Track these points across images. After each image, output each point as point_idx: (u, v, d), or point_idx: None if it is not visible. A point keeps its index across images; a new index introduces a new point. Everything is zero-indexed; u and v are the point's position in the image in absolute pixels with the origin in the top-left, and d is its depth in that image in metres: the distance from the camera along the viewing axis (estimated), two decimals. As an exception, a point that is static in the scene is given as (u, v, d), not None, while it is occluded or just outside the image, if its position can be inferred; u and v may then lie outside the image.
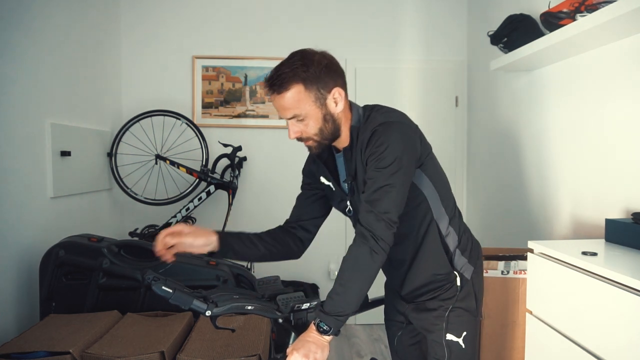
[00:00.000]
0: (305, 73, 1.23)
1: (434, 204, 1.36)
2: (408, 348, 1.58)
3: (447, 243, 1.39)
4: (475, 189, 3.29)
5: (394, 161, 1.20)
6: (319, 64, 1.25)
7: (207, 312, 1.20)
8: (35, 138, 2.28)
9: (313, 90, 1.24)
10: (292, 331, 1.32)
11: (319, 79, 1.24)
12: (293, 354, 1.14)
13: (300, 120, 1.26)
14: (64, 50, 2.55)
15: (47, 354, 1.66)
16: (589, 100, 1.95)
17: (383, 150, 1.21)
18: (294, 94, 1.23)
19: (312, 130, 1.27)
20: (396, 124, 1.25)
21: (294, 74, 1.22)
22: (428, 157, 1.35)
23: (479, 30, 3.18)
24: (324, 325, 1.16)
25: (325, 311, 1.17)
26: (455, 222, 1.42)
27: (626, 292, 1.09)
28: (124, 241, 2.36)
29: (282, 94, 1.23)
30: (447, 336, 1.39)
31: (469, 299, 1.40)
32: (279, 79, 1.23)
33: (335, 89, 1.28)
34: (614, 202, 1.79)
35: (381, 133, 1.22)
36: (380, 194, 1.20)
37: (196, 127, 3.06)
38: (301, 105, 1.24)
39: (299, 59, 1.25)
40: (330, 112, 1.28)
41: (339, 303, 1.17)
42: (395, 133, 1.23)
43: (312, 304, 1.28)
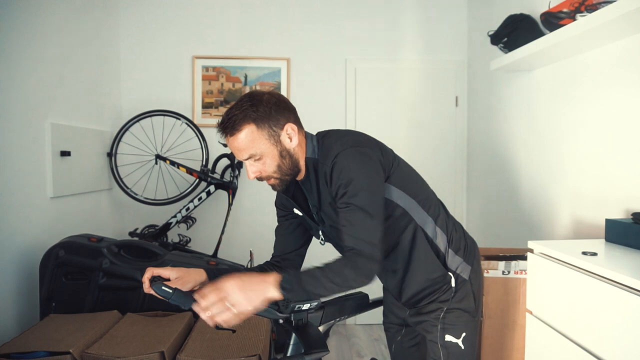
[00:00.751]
0: (255, 113, 1.24)
1: (414, 211, 1.35)
2: (407, 350, 1.58)
3: (437, 245, 1.39)
4: (475, 189, 3.29)
5: (361, 187, 1.21)
6: (268, 103, 1.26)
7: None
8: (35, 138, 2.28)
9: (265, 129, 1.25)
10: (293, 332, 1.31)
11: (270, 116, 1.25)
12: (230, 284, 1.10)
13: (257, 159, 1.27)
14: (64, 50, 2.55)
15: (47, 354, 1.67)
16: (589, 100, 1.95)
17: (348, 181, 1.21)
18: (246, 134, 1.24)
19: (270, 169, 1.28)
20: (351, 149, 1.25)
21: (244, 115, 1.23)
22: (394, 168, 1.34)
23: (479, 30, 3.18)
24: (288, 284, 1.14)
25: (302, 279, 1.16)
26: (441, 221, 1.40)
27: (626, 292, 1.09)
28: (124, 241, 2.36)
29: (235, 136, 1.24)
30: (446, 337, 1.39)
31: (467, 299, 1.40)
32: (230, 122, 1.24)
33: (287, 124, 1.28)
34: (614, 202, 1.79)
35: (341, 164, 1.22)
36: (358, 223, 1.20)
37: (196, 127, 3.06)
38: (255, 145, 1.25)
39: (247, 100, 1.26)
40: (286, 148, 1.28)
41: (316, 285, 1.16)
42: (353, 159, 1.23)
43: (312, 304, 1.28)
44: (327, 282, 1.16)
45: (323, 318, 1.37)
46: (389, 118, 3.42)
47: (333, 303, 1.43)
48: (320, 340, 1.27)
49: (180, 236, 3.05)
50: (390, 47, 3.44)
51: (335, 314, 1.42)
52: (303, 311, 1.28)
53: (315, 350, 1.23)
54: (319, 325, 1.37)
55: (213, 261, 2.42)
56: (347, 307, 1.47)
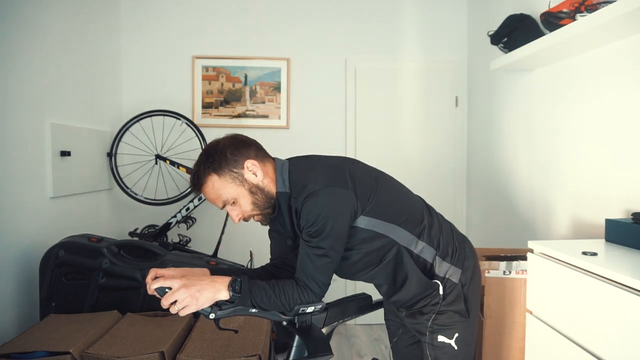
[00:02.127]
0: (212, 163, 1.28)
1: (396, 235, 1.34)
2: (408, 347, 1.60)
3: (425, 258, 1.39)
4: (475, 188, 3.29)
5: (325, 229, 1.23)
6: (223, 148, 1.31)
7: (211, 315, 1.20)
8: (35, 138, 2.28)
9: (226, 174, 1.29)
10: (297, 334, 1.31)
11: (227, 161, 1.29)
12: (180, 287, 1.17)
13: (232, 204, 1.31)
14: (64, 50, 2.55)
15: (47, 354, 1.67)
16: (589, 100, 1.95)
17: (312, 222, 1.23)
18: (211, 185, 1.29)
19: (247, 208, 1.31)
20: (322, 191, 1.24)
21: (204, 168, 1.29)
22: (372, 201, 1.31)
23: (479, 30, 3.18)
24: (238, 286, 1.21)
25: (252, 288, 1.22)
26: (425, 235, 1.39)
27: (626, 292, 1.09)
28: (124, 241, 2.36)
29: (203, 190, 1.30)
30: (439, 338, 1.40)
31: (457, 301, 1.40)
32: (194, 179, 1.31)
33: (247, 161, 1.31)
34: (614, 202, 1.79)
35: (311, 203, 1.23)
36: (314, 260, 1.25)
37: (196, 127, 3.06)
38: (223, 192, 1.29)
39: (204, 154, 1.32)
40: (254, 184, 1.31)
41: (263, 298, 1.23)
42: (324, 200, 1.24)
43: (316, 307, 1.28)
44: (274, 298, 1.24)
45: (327, 320, 1.36)
46: (389, 118, 3.42)
47: (336, 305, 1.42)
48: (324, 343, 1.27)
49: (180, 236, 3.05)
50: (390, 47, 3.44)
51: (338, 315, 1.42)
52: (307, 314, 1.28)
53: (320, 354, 1.22)
54: (323, 327, 1.36)
55: (213, 261, 2.43)
56: (351, 308, 1.47)
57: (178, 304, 1.17)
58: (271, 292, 1.23)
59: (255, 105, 3.40)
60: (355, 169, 1.35)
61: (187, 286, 1.17)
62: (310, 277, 1.26)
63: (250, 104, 3.40)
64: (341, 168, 1.33)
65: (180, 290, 1.17)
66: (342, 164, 1.36)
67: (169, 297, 1.17)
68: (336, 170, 1.32)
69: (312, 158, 1.40)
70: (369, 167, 1.41)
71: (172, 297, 1.17)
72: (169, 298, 1.17)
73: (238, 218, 1.33)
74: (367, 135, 3.41)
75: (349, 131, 3.41)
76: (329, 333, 1.44)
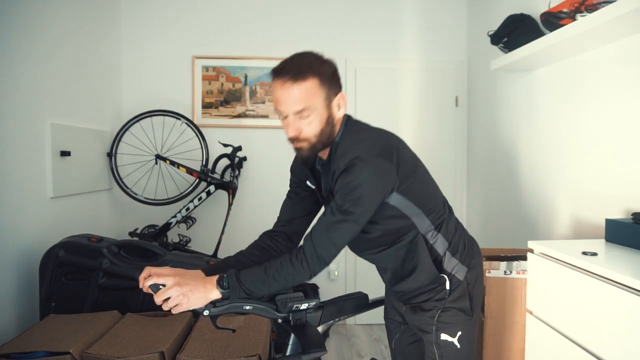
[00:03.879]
0: (321, 69, 1.21)
1: (417, 220, 1.34)
2: (407, 347, 1.59)
3: (436, 249, 1.39)
4: (475, 189, 3.29)
5: (361, 197, 1.20)
6: (330, 65, 1.25)
7: (205, 311, 1.20)
8: (35, 138, 2.28)
9: (325, 89, 1.23)
10: (291, 332, 1.31)
11: (330, 79, 1.24)
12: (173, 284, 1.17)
13: (305, 117, 1.22)
14: (64, 50, 2.55)
15: (47, 354, 1.66)
16: (589, 100, 1.95)
17: (354, 187, 1.19)
18: (309, 86, 1.20)
19: (313, 131, 1.25)
20: (371, 162, 1.21)
21: (310, 67, 1.20)
22: (409, 180, 1.30)
23: (479, 30, 3.18)
24: (226, 282, 1.19)
25: (240, 278, 1.19)
26: (443, 228, 1.39)
27: (626, 292, 1.09)
28: (124, 241, 2.36)
29: (297, 83, 1.19)
30: (442, 336, 1.39)
31: (462, 299, 1.40)
32: (296, 67, 1.19)
33: (340, 93, 1.27)
34: (614, 202, 1.79)
35: (354, 171, 1.20)
36: (340, 222, 1.21)
37: (196, 127, 3.07)
38: (313, 100, 1.21)
39: (313, 55, 1.23)
40: (332, 116, 1.27)
41: (255, 283, 1.20)
42: (367, 172, 1.20)
43: (310, 304, 1.28)
44: (269, 280, 1.20)
45: (322, 318, 1.37)
46: (389, 118, 3.42)
47: (332, 303, 1.42)
48: (318, 340, 1.27)
49: (180, 236, 3.05)
50: (390, 47, 3.44)
51: (334, 314, 1.42)
52: (301, 311, 1.28)
53: (313, 350, 1.23)
54: (318, 325, 1.37)
55: (213, 261, 2.43)
56: (347, 307, 1.47)
57: (170, 302, 1.17)
58: (264, 276, 1.20)
59: (255, 105, 3.40)
60: (401, 148, 1.32)
61: (180, 285, 1.18)
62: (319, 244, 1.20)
63: (250, 104, 3.40)
64: (390, 143, 1.29)
65: (173, 287, 1.17)
66: (392, 139, 1.33)
67: (162, 294, 1.17)
68: (387, 143, 1.28)
69: (367, 125, 1.36)
70: (410, 150, 1.39)
71: (165, 294, 1.17)
72: (162, 295, 1.17)
73: (294, 133, 1.24)
74: (367, 135, 3.40)
75: (349, 131, 3.41)
76: (325, 331, 1.44)
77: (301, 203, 1.48)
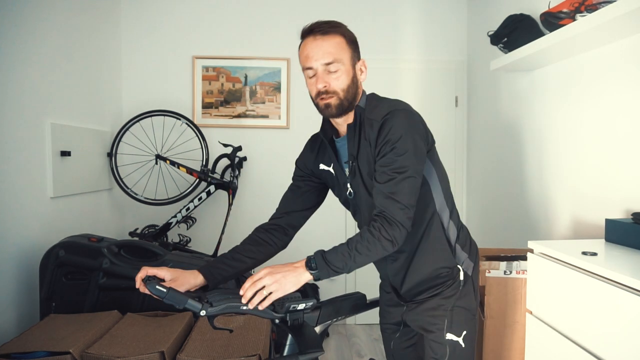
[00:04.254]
0: (348, 32, 1.31)
1: (436, 195, 1.37)
2: (404, 351, 1.57)
3: (449, 236, 1.40)
4: (475, 189, 3.29)
5: (410, 148, 1.22)
6: (353, 34, 1.34)
7: (202, 312, 1.19)
8: (35, 138, 2.28)
9: (351, 49, 1.31)
10: (289, 332, 1.31)
11: (355, 43, 1.33)
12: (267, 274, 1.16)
13: (333, 70, 1.28)
14: (64, 50, 2.55)
15: (47, 354, 1.66)
16: (589, 100, 1.95)
17: (397, 139, 1.22)
18: (338, 41, 1.28)
19: (340, 85, 1.29)
20: (404, 111, 1.27)
21: (338, 26, 1.30)
22: (432, 145, 1.37)
23: (479, 30, 3.18)
24: (314, 263, 1.18)
25: (326, 257, 1.19)
26: (455, 216, 1.42)
27: (626, 292, 1.09)
28: (124, 241, 2.36)
29: (327, 37, 1.27)
30: (447, 335, 1.38)
31: (469, 297, 1.40)
32: (326, 25, 1.28)
33: (362, 60, 1.36)
34: (614, 202, 1.79)
35: (392, 121, 1.24)
36: (399, 181, 1.21)
37: (196, 127, 3.07)
38: (341, 54, 1.28)
39: (337, 22, 1.32)
40: (357, 78, 1.34)
41: (341, 259, 1.19)
42: (405, 120, 1.26)
43: (308, 304, 1.27)
44: (354, 254, 1.18)
45: (319, 318, 1.36)
46: (389, 118, 3.42)
47: (329, 303, 1.42)
48: (315, 340, 1.27)
49: (180, 236, 3.05)
50: (390, 47, 3.45)
51: (331, 314, 1.41)
52: (298, 311, 1.27)
53: (310, 351, 1.22)
54: (316, 326, 1.36)
55: (213, 261, 2.42)
56: (344, 307, 1.47)
57: (266, 289, 1.14)
58: (348, 251, 1.19)
59: (255, 105, 3.40)
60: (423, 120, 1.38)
61: (272, 273, 1.16)
62: (392, 210, 1.19)
63: (250, 104, 3.40)
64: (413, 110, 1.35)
65: (266, 276, 1.15)
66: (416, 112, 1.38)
67: (257, 283, 1.15)
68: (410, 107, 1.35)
69: None
70: None
71: (260, 283, 1.15)
72: (257, 284, 1.15)
73: (323, 85, 1.28)
74: (367, 135, 3.41)
75: (349, 131, 3.41)
76: (323, 331, 1.44)
77: (302, 197, 1.49)
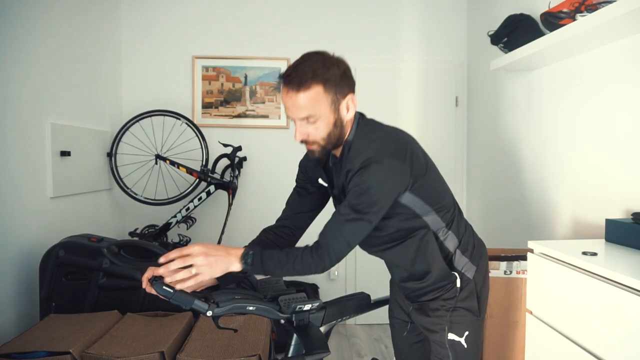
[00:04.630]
0: (326, 75, 1.21)
1: (429, 218, 1.36)
2: (412, 347, 1.59)
3: (447, 246, 1.39)
4: (475, 189, 3.29)
5: (374, 197, 1.21)
6: (339, 68, 1.24)
7: (208, 312, 1.20)
8: (35, 138, 2.28)
9: (331, 94, 1.23)
10: (294, 332, 1.31)
11: (338, 83, 1.23)
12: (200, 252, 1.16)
13: (311, 122, 1.24)
14: (64, 50, 2.55)
15: (47, 354, 1.67)
16: (589, 100, 1.95)
17: (367, 188, 1.21)
18: (313, 94, 1.21)
19: (320, 135, 1.26)
20: (385, 163, 1.21)
21: (314, 74, 1.20)
22: (422, 179, 1.31)
23: (479, 30, 3.18)
24: (250, 259, 1.20)
25: (263, 258, 1.21)
26: (454, 225, 1.41)
27: (626, 292, 1.09)
28: (124, 241, 2.36)
29: (300, 92, 1.21)
30: (449, 336, 1.38)
31: (470, 298, 1.40)
32: (299, 77, 1.20)
33: (350, 95, 1.27)
34: (614, 202, 1.79)
35: (368, 172, 1.20)
36: (354, 220, 1.22)
37: (196, 127, 3.06)
38: (317, 107, 1.22)
39: (320, 59, 1.22)
40: (341, 118, 1.27)
41: (275, 266, 1.21)
42: (381, 174, 1.21)
43: (314, 304, 1.28)
44: (289, 267, 1.21)
45: (324, 318, 1.37)
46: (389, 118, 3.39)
47: (334, 304, 1.42)
48: (322, 340, 1.27)
49: (180, 236, 3.05)
50: (390, 47, 3.44)
51: (336, 314, 1.42)
52: (304, 312, 1.28)
53: (316, 351, 1.22)
54: (321, 326, 1.36)
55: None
56: (349, 307, 1.47)
57: (195, 268, 1.15)
58: (285, 260, 1.21)
59: (255, 105, 3.40)
60: (414, 147, 1.33)
61: (206, 254, 1.16)
62: (334, 241, 1.22)
63: (250, 104, 3.40)
64: (404, 143, 1.30)
65: (199, 256, 1.15)
66: (405, 138, 1.34)
67: (188, 259, 1.15)
68: (400, 143, 1.29)
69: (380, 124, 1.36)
70: (422, 148, 1.39)
71: (190, 260, 1.15)
72: (187, 260, 1.15)
73: (302, 137, 1.26)
74: (367, 135, 3.40)
75: (349, 131, 3.41)
76: (327, 332, 1.44)
77: (308, 198, 1.49)
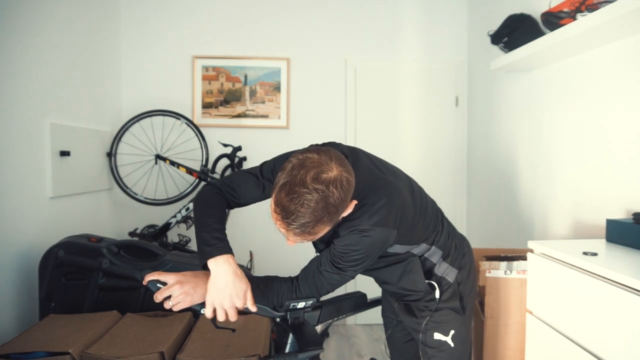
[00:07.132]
0: (329, 218, 1.12)
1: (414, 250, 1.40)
2: (404, 345, 1.62)
3: (431, 259, 1.44)
4: (475, 188, 3.29)
5: (358, 260, 1.23)
6: (340, 197, 1.12)
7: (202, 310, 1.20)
8: (35, 138, 2.28)
9: (334, 221, 1.16)
10: (289, 330, 1.31)
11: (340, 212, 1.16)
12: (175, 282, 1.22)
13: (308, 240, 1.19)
14: (64, 50, 2.55)
15: (47, 354, 1.66)
16: (590, 100, 1.95)
17: (351, 251, 1.21)
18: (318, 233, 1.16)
19: None
20: (372, 232, 1.19)
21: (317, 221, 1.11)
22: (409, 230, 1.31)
23: (479, 30, 3.18)
24: None
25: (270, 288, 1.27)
26: (438, 240, 1.43)
27: (626, 292, 1.09)
28: (123, 241, 2.35)
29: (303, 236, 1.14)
30: (435, 335, 1.42)
31: (453, 299, 1.43)
32: (301, 228, 1.11)
33: (351, 203, 1.20)
34: (614, 202, 1.79)
35: (355, 237, 1.20)
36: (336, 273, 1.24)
37: (196, 127, 3.06)
38: (320, 233, 1.16)
39: (321, 201, 1.09)
40: (338, 219, 1.20)
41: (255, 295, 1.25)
42: (367, 242, 1.20)
43: (308, 302, 1.28)
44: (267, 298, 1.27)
45: (320, 317, 1.37)
46: (388, 118, 3.42)
47: (331, 303, 1.43)
48: (315, 338, 1.27)
49: (180, 236, 3.05)
50: (390, 47, 3.44)
51: (332, 313, 1.43)
52: (299, 310, 1.28)
53: (310, 348, 1.23)
54: (317, 325, 1.37)
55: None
56: (345, 306, 1.48)
57: (172, 300, 1.19)
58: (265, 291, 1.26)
59: (255, 105, 3.40)
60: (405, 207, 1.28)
61: (181, 283, 1.20)
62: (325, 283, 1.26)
63: (250, 103, 3.40)
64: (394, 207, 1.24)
65: (174, 286, 1.20)
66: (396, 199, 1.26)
67: (163, 291, 1.20)
68: (390, 209, 1.23)
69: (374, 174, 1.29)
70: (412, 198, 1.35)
71: (167, 292, 1.20)
72: (163, 292, 1.20)
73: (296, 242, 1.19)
74: (367, 135, 3.41)
75: (349, 131, 3.41)
76: (324, 330, 1.45)
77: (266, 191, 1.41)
